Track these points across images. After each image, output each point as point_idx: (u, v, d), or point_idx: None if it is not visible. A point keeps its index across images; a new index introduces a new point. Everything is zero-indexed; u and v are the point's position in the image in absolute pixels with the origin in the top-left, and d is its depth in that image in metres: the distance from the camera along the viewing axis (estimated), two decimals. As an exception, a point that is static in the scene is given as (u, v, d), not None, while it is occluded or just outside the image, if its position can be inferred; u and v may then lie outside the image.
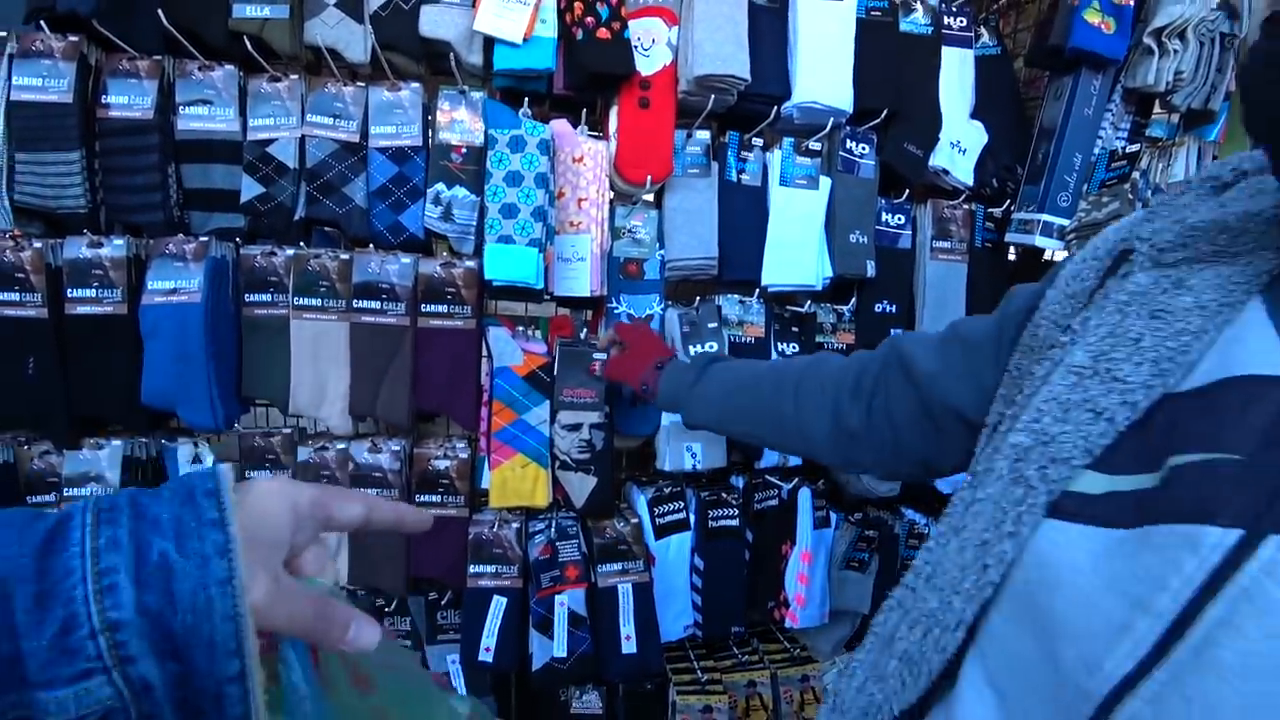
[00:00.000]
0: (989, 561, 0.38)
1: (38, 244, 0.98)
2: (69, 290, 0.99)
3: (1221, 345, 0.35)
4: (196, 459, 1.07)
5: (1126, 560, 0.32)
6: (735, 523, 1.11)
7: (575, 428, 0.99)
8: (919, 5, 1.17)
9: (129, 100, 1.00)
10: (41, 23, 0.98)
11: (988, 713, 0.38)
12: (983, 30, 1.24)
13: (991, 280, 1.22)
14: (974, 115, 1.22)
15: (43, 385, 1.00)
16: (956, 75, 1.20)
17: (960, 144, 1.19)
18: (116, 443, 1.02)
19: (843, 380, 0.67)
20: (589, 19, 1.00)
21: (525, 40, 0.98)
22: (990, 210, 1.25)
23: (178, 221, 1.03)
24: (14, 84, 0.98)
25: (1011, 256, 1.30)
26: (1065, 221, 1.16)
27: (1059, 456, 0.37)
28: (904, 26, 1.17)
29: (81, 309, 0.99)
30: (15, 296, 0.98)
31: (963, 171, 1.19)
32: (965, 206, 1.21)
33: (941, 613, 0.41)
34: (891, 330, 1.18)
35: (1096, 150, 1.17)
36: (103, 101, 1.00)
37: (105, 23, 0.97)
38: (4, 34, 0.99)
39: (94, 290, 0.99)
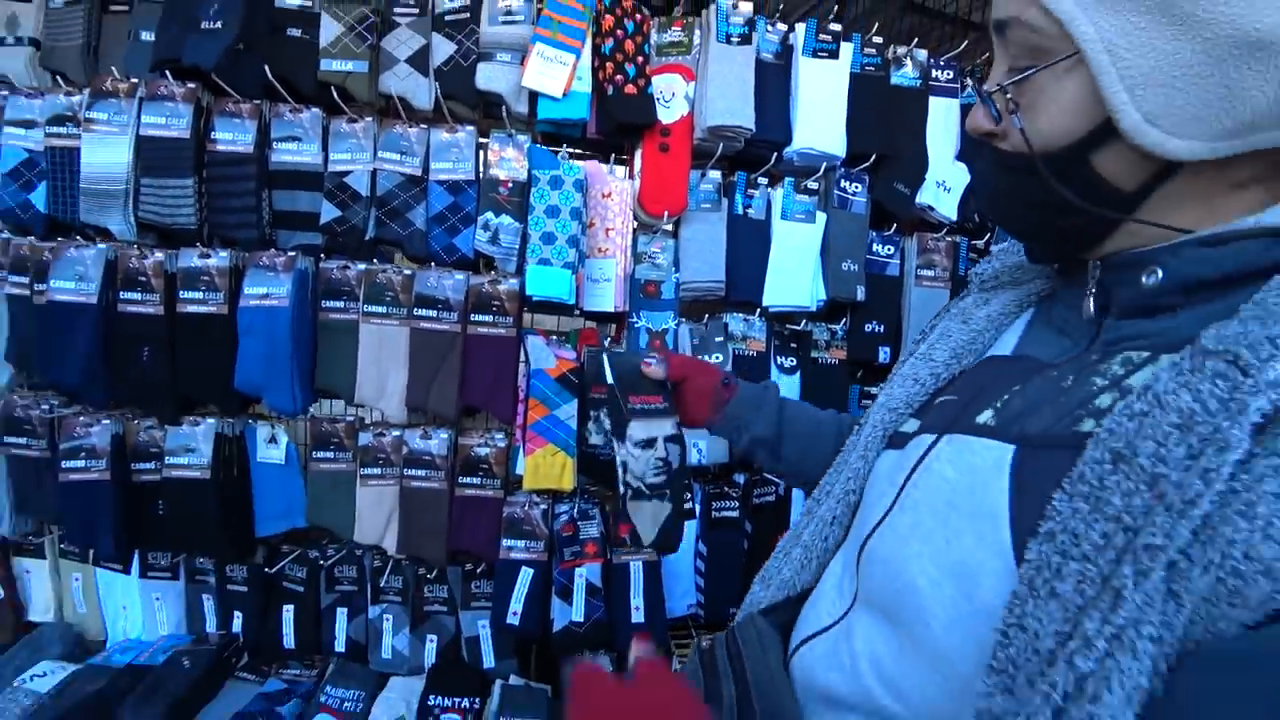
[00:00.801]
0: (849, 475, 0.58)
1: (159, 254, 1.18)
2: (181, 292, 1.18)
3: (999, 341, 0.55)
4: (272, 439, 1.25)
5: (896, 460, 0.51)
6: (736, 514, 1.25)
7: (649, 444, 0.77)
8: (909, 61, 1.33)
9: (233, 137, 1.20)
10: (166, 72, 1.19)
11: (835, 570, 0.56)
12: (969, 82, 1.39)
13: (972, 305, 1.36)
14: (958, 158, 1.37)
15: (154, 370, 1.19)
16: (943, 122, 1.35)
17: (945, 183, 1.35)
18: (210, 421, 1.21)
19: (844, 425, 0.80)
20: (618, 76, 1.18)
21: (564, 94, 1.16)
22: (974, 242, 1.40)
23: (268, 238, 1.22)
24: (143, 122, 1.19)
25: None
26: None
27: (893, 407, 0.57)
28: (895, 80, 1.33)
29: (190, 308, 1.18)
30: (138, 296, 1.18)
31: (947, 208, 1.34)
32: (949, 239, 1.35)
33: (826, 514, 0.60)
34: (879, 347, 1.33)
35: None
36: (212, 137, 1.20)
37: (219, 73, 1.17)
38: (136, 81, 1.20)
39: (201, 293, 1.18)
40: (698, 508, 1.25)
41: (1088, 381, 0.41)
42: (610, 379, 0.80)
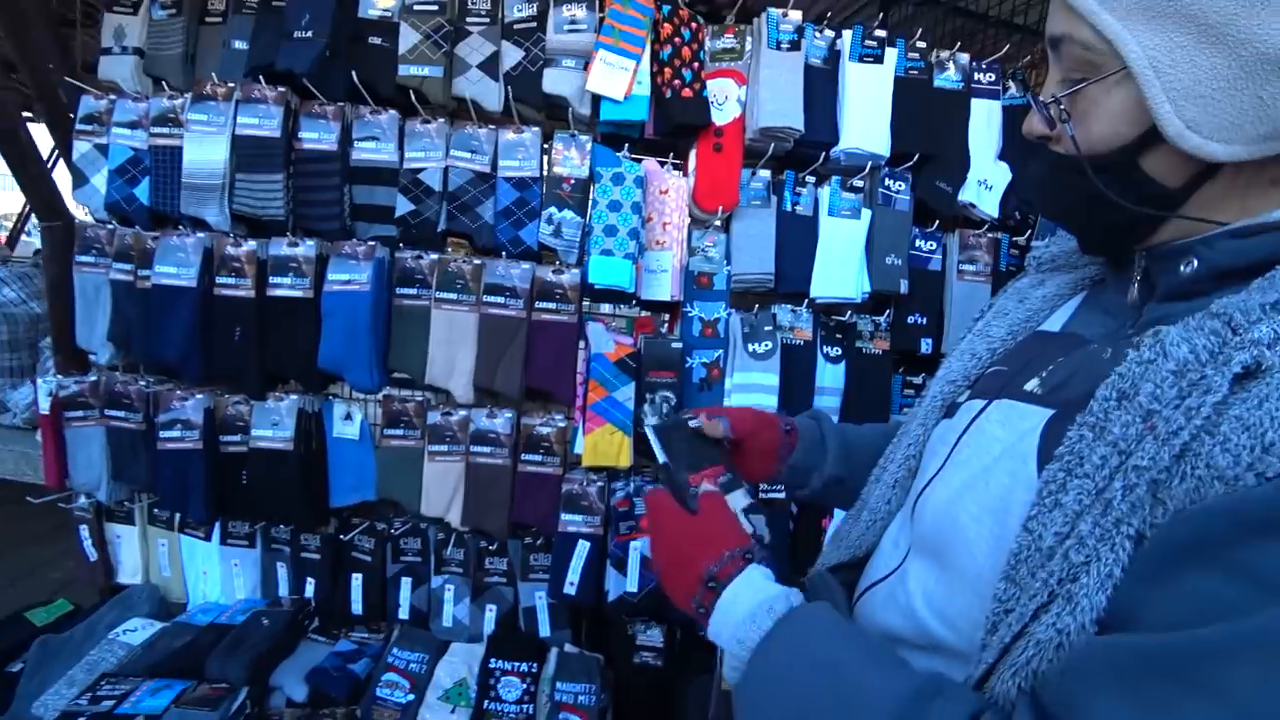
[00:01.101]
0: (910, 441, 0.63)
1: (252, 243, 1.29)
2: (271, 277, 1.28)
3: (1048, 319, 0.60)
4: (348, 416, 1.35)
5: (949, 425, 0.57)
6: (783, 495, 1.31)
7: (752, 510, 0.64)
8: (951, 64, 1.39)
9: (318, 136, 1.30)
10: (260, 77, 1.30)
11: (893, 527, 0.62)
12: (1011, 84, 1.44)
13: (1012, 301, 1.41)
14: (1000, 157, 1.41)
15: (245, 349, 1.29)
16: (985, 123, 1.40)
17: (987, 182, 1.39)
18: (293, 397, 1.31)
19: None
20: (676, 81, 1.25)
21: (626, 97, 1.23)
22: (1015, 239, 1.44)
23: (348, 229, 1.32)
24: (239, 122, 1.29)
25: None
26: (1079, 252, 1.34)
27: (950, 380, 0.62)
28: (938, 83, 1.38)
29: (279, 292, 1.28)
30: (232, 280, 1.28)
31: (989, 206, 1.39)
32: (990, 235, 1.40)
33: (889, 479, 0.65)
34: (922, 339, 1.38)
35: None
36: (299, 136, 1.30)
37: (309, 78, 1.27)
38: (233, 85, 1.31)
39: (289, 278, 1.28)
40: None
41: (1121, 353, 0.46)
42: (662, 456, 0.65)
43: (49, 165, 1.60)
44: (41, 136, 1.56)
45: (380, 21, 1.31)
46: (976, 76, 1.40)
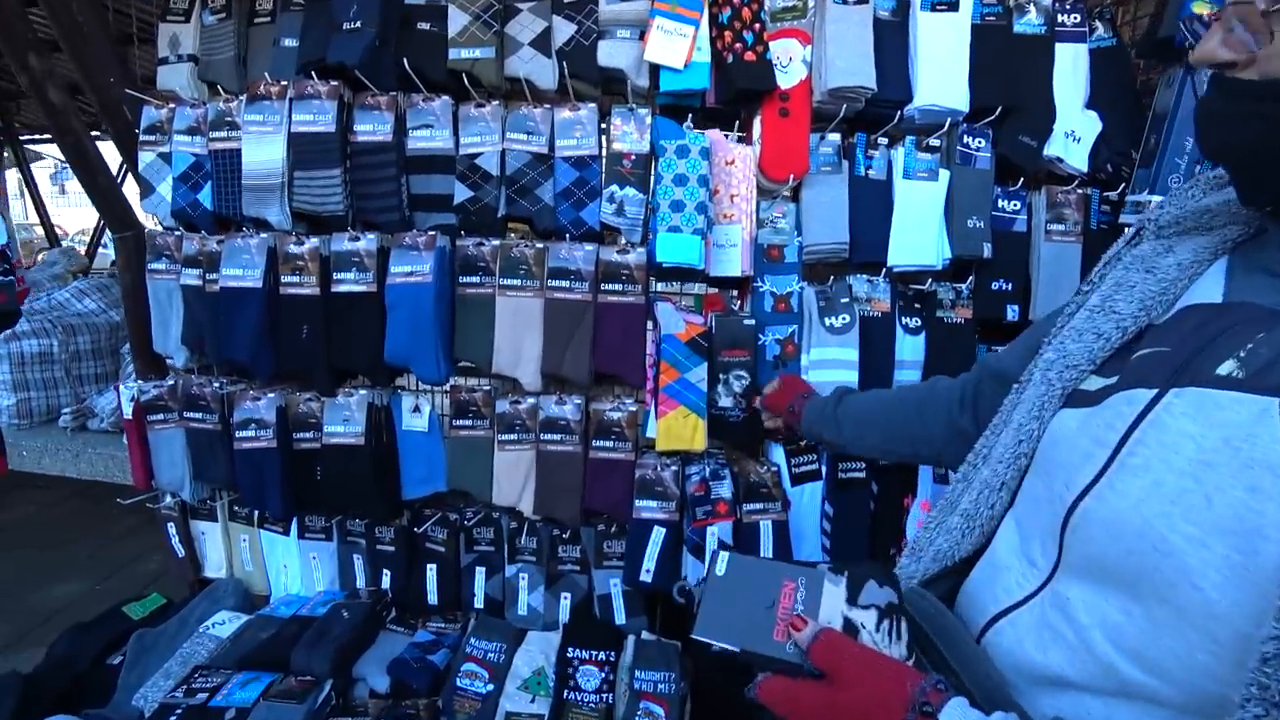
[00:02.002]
0: (1022, 438, 0.56)
1: (314, 240, 1.29)
2: (334, 273, 1.28)
3: (1191, 290, 0.52)
4: (416, 408, 1.35)
5: (1095, 418, 0.49)
6: (862, 475, 1.25)
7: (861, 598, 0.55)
8: (1032, 7, 1.28)
9: (373, 128, 1.29)
10: (311, 72, 1.29)
11: (1011, 538, 0.54)
12: (1098, 24, 1.32)
13: (1106, 260, 1.30)
14: (1089, 105, 1.30)
15: (312, 347, 1.30)
16: (1070, 69, 1.29)
17: (1075, 133, 1.29)
18: (362, 392, 1.31)
19: (951, 396, 0.84)
20: (737, 44, 1.19)
21: (685, 66, 1.18)
22: (1106, 194, 1.33)
23: (407, 220, 1.31)
24: (293, 120, 1.29)
25: (1127, 237, 1.36)
26: (1181, 203, 1.22)
27: (1071, 364, 0.54)
28: (1018, 28, 1.28)
29: (343, 288, 1.28)
30: (297, 279, 1.29)
31: (1077, 159, 1.28)
32: (1079, 191, 1.30)
33: (991, 478, 0.58)
34: (1007, 306, 1.29)
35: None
36: (354, 130, 1.29)
37: (361, 69, 1.25)
38: (285, 83, 1.31)
39: (353, 273, 1.28)
40: (824, 469, 1.26)
41: None
42: (729, 644, 0.50)
43: (119, 179, 1.65)
44: (110, 152, 1.60)
45: (428, 6, 1.28)
46: (1060, 19, 1.29)
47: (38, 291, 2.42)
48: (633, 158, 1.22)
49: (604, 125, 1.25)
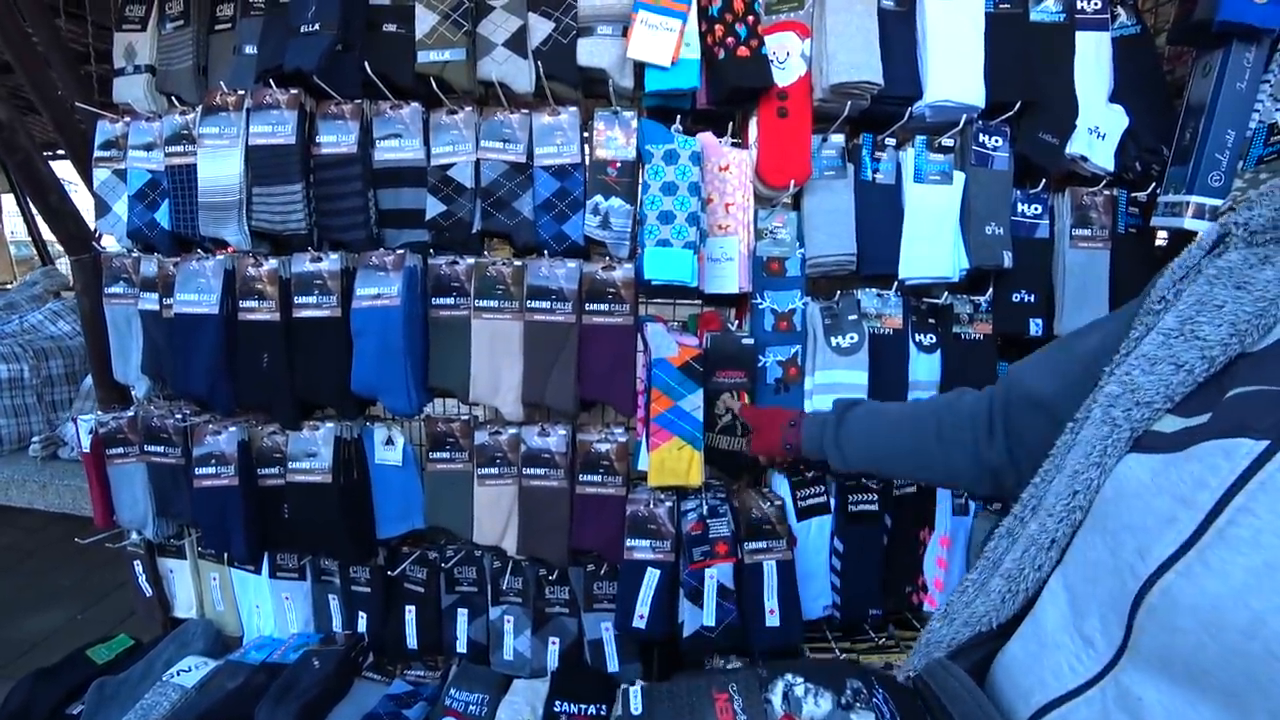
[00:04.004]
0: (1078, 488, 0.46)
1: (273, 261, 1.19)
2: (295, 297, 1.18)
3: None
4: (389, 441, 1.25)
5: (1177, 469, 0.39)
6: (875, 507, 1.15)
7: None
8: (1050, -8, 1.17)
9: (337, 139, 1.19)
10: (270, 80, 1.20)
11: (1060, 608, 0.45)
12: (1120, 10, 1.21)
13: (1137, 266, 1.19)
14: (1113, 98, 1.20)
15: (274, 377, 1.20)
16: (1093, 59, 1.18)
17: (1099, 129, 1.18)
18: (329, 425, 1.21)
19: (977, 422, 0.71)
20: (729, 39, 1.09)
21: (673, 63, 1.08)
22: (1134, 195, 1.22)
23: (376, 238, 1.21)
24: (251, 131, 1.19)
25: (1161, 241, 1.26)
26: (1218, 202, 1.11)
27: (1142, 400, 0.44)
28: (1035, 16, 1.17)
29: (305, 313, 1.18)
30: (255, 304, 1.19)
31: (1102, 157, 1.18)
32: (1106, 192, 1.19)
33: (1039, 534, 0.48)
34: (1030, 319, 1.18)
35: (1253, 125, 1.12)
36: (316, 141, 1.20)
37: (320, 75, 1.16)
38: (243, 92, 1.21)
39: (315, 297, 1.18)
40: (833, 501, 1.15)
41: None
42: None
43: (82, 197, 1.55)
44: (67, 171, 1.51)
45: (394, 6, 1.19)
46: (1080, 5, 1.18)
47: (11, 313, 2.34)
48: (618, 165, 1.12)
49: (586, 131, 1.15)
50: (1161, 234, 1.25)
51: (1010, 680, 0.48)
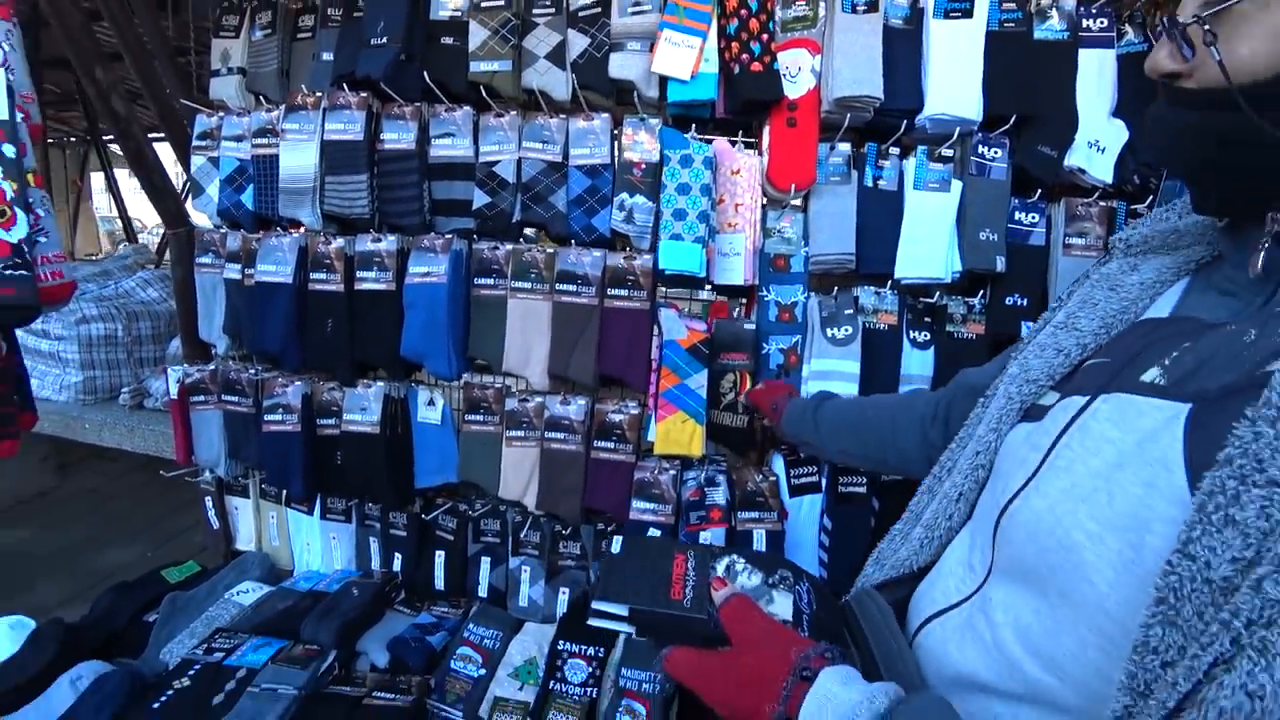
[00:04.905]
0: (980, 449, 0.57)
1: (340, 240, 1.37)
2: (358, 272, 1.36)
3: (1150, 308, 0.52)
4: (431, 402, 1.41)
5: (1038, 427, 0.50)
6: (864, 490, 1.24)
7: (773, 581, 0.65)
8: (1054, 12, 1.24)
9: (398, 136, 1.36)
10: (343, 84, 1.37)
11: (961, 547, 0.55)
12: (1128, 28, 1.27)
13: (1129, 276, 1.25)
14: (1116, 113, 1.25)
15: (336, 340, 1.38)
16: (1095, 76, 1.24)
17: (1099, 143, 1.24)
18: (380, 384, 1.38)
19: (925, 410, 0.84)
20: (744, 55, 1.20)
21: (692, 76, 1.20)
22: (1134, 207, 1.28)
23: (428, 224, 1.38)
24: (326, 128, 1.37)
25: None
26: (1212, 218, 1.17)
27: (1031, 378, 0.55)
28: (1039, 34, 1.24)
29: (365, 286, 1.36)
30: (324, 276, 1.37)
31: (1101, 170, 1.24)
32: (1102, 204, 1.25)
33: (950, 490, 0.59)
34: (1022, 322, 1.26)
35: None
36: (381, 138, 1.37)
37: (387, 82, 1.33)
38: (320, 94, 1.39)
39: (374, 272, 1.35)
40: (824, 481, 1.26)
41: (1276, 333, 0.39)
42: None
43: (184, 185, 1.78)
44: (168, 154, 1.73)
45: (451, 21, 1.35)
46: (1085, 23, 1.25)
47: (107, 280, 2.63)
48: (643, 166, 1.24)
49: (616, 135, 1.29)
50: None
51: (915, 606, 0.58)
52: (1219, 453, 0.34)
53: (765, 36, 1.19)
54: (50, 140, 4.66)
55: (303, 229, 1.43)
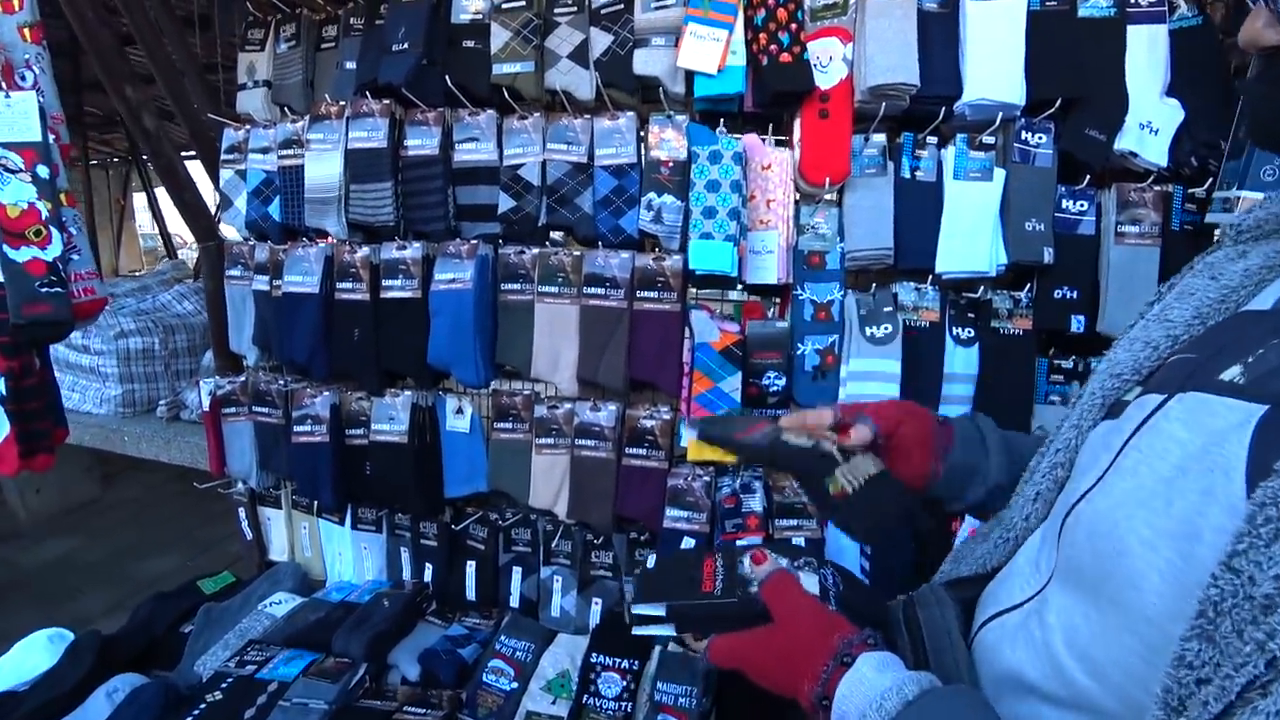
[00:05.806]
0: (1059, 446, 0.53)
1: (366, 249, 1.37)
2: (383, 280, 1.35)
3: (1254, 298, 0.47)
4: (459, 410, 1.40)
5: (1115, 425, 0.46)
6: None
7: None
8: (1100, -12, 1.18)
9: (422, 142, 1.35)
10: (366, 92, 1.37)
11: (1032, 547, 0.52)
12: (1180, 2, 1.20)
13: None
14: (1169, 92, 1.18)
15: (363, 349, 1.37)
16: (1145, 53, 1.18)
17: (1151, 124, 1.17)
18: (407, 393, 1.38)
19: None
20: (773, 46, 1.16)
21: (719, 70, 1.16)
22: (1192, 190, 1.21)
23: (453, 229, 1.36)
24: (350, 137, 1.37)
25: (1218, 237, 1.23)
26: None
27: (1115, 372, 0.51)
28: (1083, 12, 1.18)
29: (391, 293, 1.35)
30: (349, 285, 1.37)
31: (1154, 153, 1.17)
32: (1156, 188, 1.18)
33: (1030, 491, 0.55)
34: (1071, 316, 1.19)
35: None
36: (404, 145, 1.36)
37: (408, 88, 1.32)
38: (344, 103, 1.39)
39: (400, 280, 1.34)
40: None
41: None
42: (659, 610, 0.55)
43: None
44: (198, 171, 1.76)
45: (472, 25, 1.34)
46: (1133, -1, 1.18)
47: (145, 294, 2.70)
48: (671, 164, 1.21)
49: (642, 133, 1.26)
50: (1219, 231, 1.22)
51: (982, 604, 0.55)
52: (1277, 460, 0.31)
53: (794, 26, 1.15)
54: (94, 162, 4.83)
55: (329, 239, 1.44)
